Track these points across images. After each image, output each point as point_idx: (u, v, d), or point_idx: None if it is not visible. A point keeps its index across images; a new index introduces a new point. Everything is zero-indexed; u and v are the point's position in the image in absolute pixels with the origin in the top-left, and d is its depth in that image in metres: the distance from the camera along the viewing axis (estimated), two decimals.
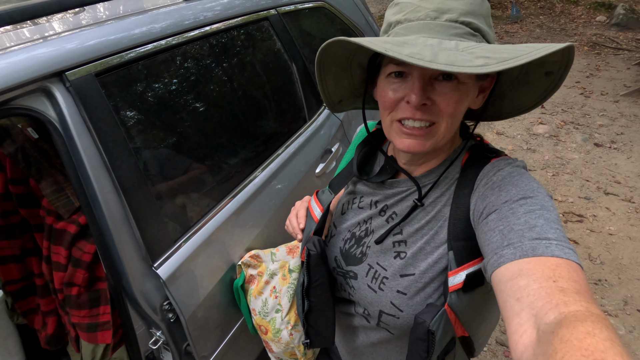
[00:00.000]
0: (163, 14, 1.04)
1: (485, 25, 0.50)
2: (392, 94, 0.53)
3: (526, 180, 0.50)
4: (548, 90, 0.51)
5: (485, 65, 0.40)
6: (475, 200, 0.53)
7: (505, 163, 0.54)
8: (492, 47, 0.45)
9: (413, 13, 0.50)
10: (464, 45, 0.45)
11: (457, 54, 0.43)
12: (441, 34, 0.48)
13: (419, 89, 0.49)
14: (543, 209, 0.46)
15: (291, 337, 1.07)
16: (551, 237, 0.43)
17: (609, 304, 1.96)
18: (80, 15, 1.00)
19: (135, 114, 0.95)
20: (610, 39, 5.78)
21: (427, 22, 0.49)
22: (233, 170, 1.18)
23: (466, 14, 0.48)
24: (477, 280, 0.52)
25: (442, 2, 0.49)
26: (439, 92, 0.50)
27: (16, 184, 1.16)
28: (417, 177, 0.61)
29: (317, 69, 0.58)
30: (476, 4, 0.49)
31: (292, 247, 1.13)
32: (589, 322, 0.32)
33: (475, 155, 0.58)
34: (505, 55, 0.41)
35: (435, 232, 0.57)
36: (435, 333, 0.52)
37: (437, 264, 0.56)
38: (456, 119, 0.53)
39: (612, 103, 4.00)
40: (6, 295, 1.30)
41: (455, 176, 0.58)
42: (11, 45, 0.79)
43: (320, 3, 1.64)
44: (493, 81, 0.55)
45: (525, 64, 0.50)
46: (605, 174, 2.95)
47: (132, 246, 0.87)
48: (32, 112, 0.77)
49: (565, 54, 0.45)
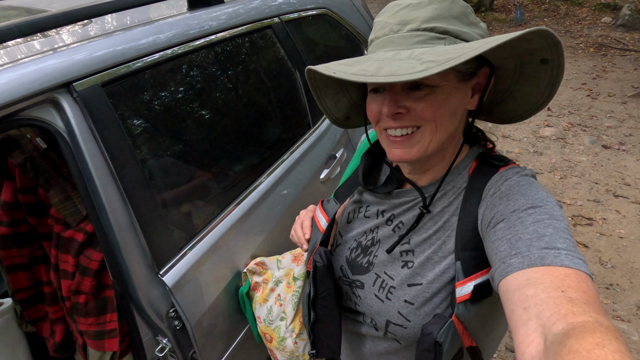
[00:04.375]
0: (168, 23, 1.05)
1: (458, 25, 0.50)
2: (374, 106, 0.56)
3: (535, 189, 0.49)
4: (552, 78, 0.50)
5: (425, 70, 0.41)
6: (484, 210, 0.52)
7: (513, 172, 0.53)
8: (444, 49, 0.45)
9: (381, 30, 0.53)
10: (418, 52, 0.46)
11: (402, 63, 0.44)
12: (401, 45, 0.49)
13: (389, 101, 0.52)
14: (552, 218, 0.45)
15: (295, 345, 1.06)
16: (560, 247, 0.42)
17: (622, 309, 1.92)
18: (88, 27, 1.02)
19: (141, 122, 0.96)
20: (617, 40, 5.73)
21: (390, 36, 0.51)
22: (238, 177, 1.18)
23: (429, 20, 0.49)
24: (485, 291, 0.51)
25: (405, 15, 0.50)
26: (413, 99, 0.51)
27: (25, 193, 1.18)
28: (422, 186, 0.60)
29: (313, 94, 0.61)
30: (443, 8, 0.50)
31: (297, 255, 1.13)
32: (598, 333, 0.32)
33: (483, 164, 0.58)
34: (450, 56, 0.42)
35: (443, 241, 0.57)
36: (443, 344, 0.51)
37: (445, 274, 0.55)
38: (440, 122, 0.52)
39: (620, 104, 3.95)
40: (15, 303, 1.31)
41: (463, 185, 0.57)
42: (21, 57, 0.81)
43: (323, 10, 1.66)
44: (486, 77, 0.54)
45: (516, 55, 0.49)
46: (615, 176, 2.91)
47: (138, 254, 0.88)
48: (40, 122, 0.78)
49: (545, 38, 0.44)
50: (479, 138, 0.62)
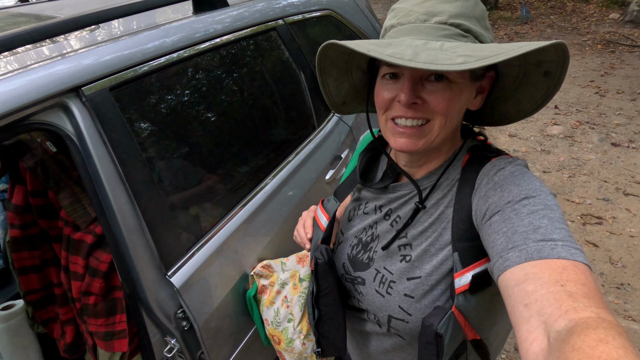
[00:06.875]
0: (174, 27, 1.07)
1: (478, 27, 0.51)
2: (386, 94, 0.55)
3: (528, 179, 0.50)
4: (549, 90, 0.52)
5: (463, 63, 0.41)
6: (477, 200, 0.53)
7: (505, 162, 0.54)
8: (476, 46, 0.46)
9: (405, 17, 0.52)
10: (448, 45, 0.46)
11: (438, 53, 0.44)
12: (429, 35, 0.49)
13: (408, 89, 0.51)
14: (546, 209, 0.45)
15: (304, 346, 1.06)
16: (556, 238, 0.42)
17: (633, 309, 1.89)
18: (96, 32, 1.03)
19: (148, 125, 0.97)
20: (625, 36, 5.65)
21: (417, 25, 0.51)
22: (244, 178, 1.19)
23: (456, 16, 0.50)
24: (484, 281, 0.52)
25: (432, 6, 0.50)
26: (430, 91, 0.51)
27: (36, 196, 1.20)
28: (418, 179, 0.61)
29: (317, 71, 0.60)
30: (468, 7, 0.51)
31: (301, 256, 1.13)
32: (601, 329, 0.32)
33: (476, 155, 0.58)
34: (486, 54, 0.42)
35: (439, 234, 0.57)
36: (444, 336, 0.51)
37: (443, 265, 0.56)
38: (450, 118, 0.53)
39: (629, 101, 3.89)
40: (27, 304, 1.33)
41: (457, 177, 0.58)
42: (31, 63, 0.82)
43: (327, 12, 1.66)
44: (491, 82, 0.56)
45: (523, 64, 0.51)
46: (624, 174, 2.87)
47: (146, 255, 0.89)
48: (50, 126, 0.80)
49: (560, 52, 0.45)
50: (472, 132, 0.63)
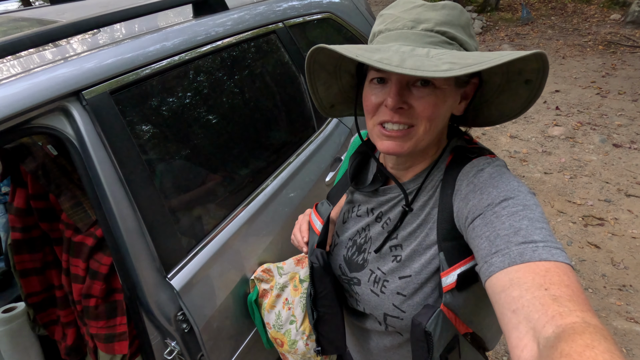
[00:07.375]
0: (175, 31, 1.07)
1: (463, 34, 0.52)
2: (374, 98, 0.56)
3: (506, 180, 0.51)
4: (529, 98, 0.53)
5: (449, 70, 0.42)
6: (458, 202, 0.54)
7: (485, 162, 0.55)
8: (461, 54, 0.47)
9: (393, 23, 0.53)
10: (434, 52, 0.47)
11: (424, 59, 0.45)
12: (416, 42, 0.51)
13: (395, 93, 0.52)
14: (526, 209, 0.46)
15: (307, 347, 1.07)
16: (537, 239, 0.43)
17: (635, 310, 1.88)
18: (97, 36, 1.04)
19: (148, 128, 0.98)
20: (626, 37, 5.65)
21: (404, 31, 0.52)
22: (244, 180, 1.19)
23: (442, 24, 0.51)
24: (471, 278, 0.53)
25: (419, 13, 0.52)
26: (416, 96, 0.52)
27: (37, 199, 1.20)
28: (405, 182, 0.63)
29: (307, 75, 0.61)
30: (454, 15, 0.52)
31: (300, 258, 1.13)
32: (587, 334, 0.33)
33: (459, 156, 0.60)
34: (470, 61, 0.43)
35: (426, 234, 0.59)
36: (433, 334, 0.53)
37: (430, 264, 0.58)
38: (435, 122, 0.54)
39: (631, 102, 3.89)
40: (28, 307, 1.34)
41: (440, 178, 0.59)
42: (33, 67, 0.83)
43: (327, 14, 1.67)
44: (475, 88, 0.57)
45: (506, 72, 0.52)
46: (626, 175, 2.86)
47: (147, 257, 0.89)
48: (51, 130, 0.80)
49: (540, 61, 0.46)
50: (458, 131, 0.64)
